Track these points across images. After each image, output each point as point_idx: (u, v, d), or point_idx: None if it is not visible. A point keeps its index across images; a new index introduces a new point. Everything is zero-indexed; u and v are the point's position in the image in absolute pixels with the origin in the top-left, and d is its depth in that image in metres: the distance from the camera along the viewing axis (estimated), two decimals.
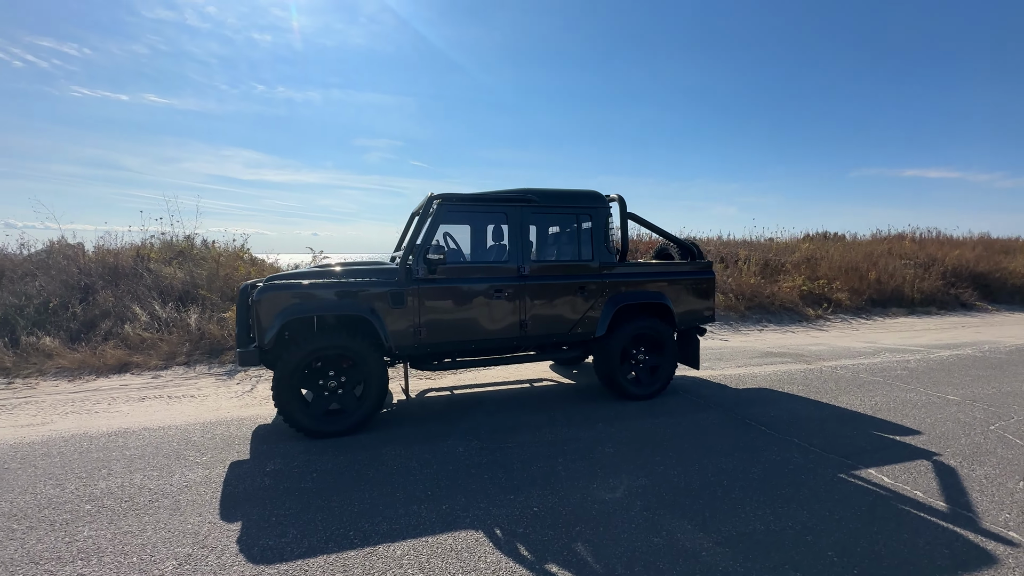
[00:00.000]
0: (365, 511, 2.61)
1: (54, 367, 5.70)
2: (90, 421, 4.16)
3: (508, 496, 2.77)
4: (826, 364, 6.14)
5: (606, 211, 4.59)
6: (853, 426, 3.89)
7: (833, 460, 3.24)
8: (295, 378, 3.62)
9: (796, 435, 3.69)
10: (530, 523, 2.49)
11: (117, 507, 2.67)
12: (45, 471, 3.14)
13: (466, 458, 3.30)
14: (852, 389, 4.96)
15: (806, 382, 5.25)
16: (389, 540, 2.34)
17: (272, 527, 2.46)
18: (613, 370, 4.53)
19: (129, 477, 3.04)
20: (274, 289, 3.65)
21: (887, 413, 4.20)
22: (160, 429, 3.91)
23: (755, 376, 5.52)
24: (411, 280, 3.92)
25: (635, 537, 2.36)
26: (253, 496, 2.80)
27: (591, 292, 4.44)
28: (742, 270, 10.78)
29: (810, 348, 7.25)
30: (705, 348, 7.21)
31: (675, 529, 2.43)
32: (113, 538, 2.37)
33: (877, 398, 4.65)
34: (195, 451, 3.45)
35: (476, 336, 4.14)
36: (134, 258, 8.13)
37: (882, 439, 3.62)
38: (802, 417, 4.10)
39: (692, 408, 4.37)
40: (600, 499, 2.73)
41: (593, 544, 2.30)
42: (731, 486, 2.88)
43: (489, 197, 4.28)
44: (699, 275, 4.93)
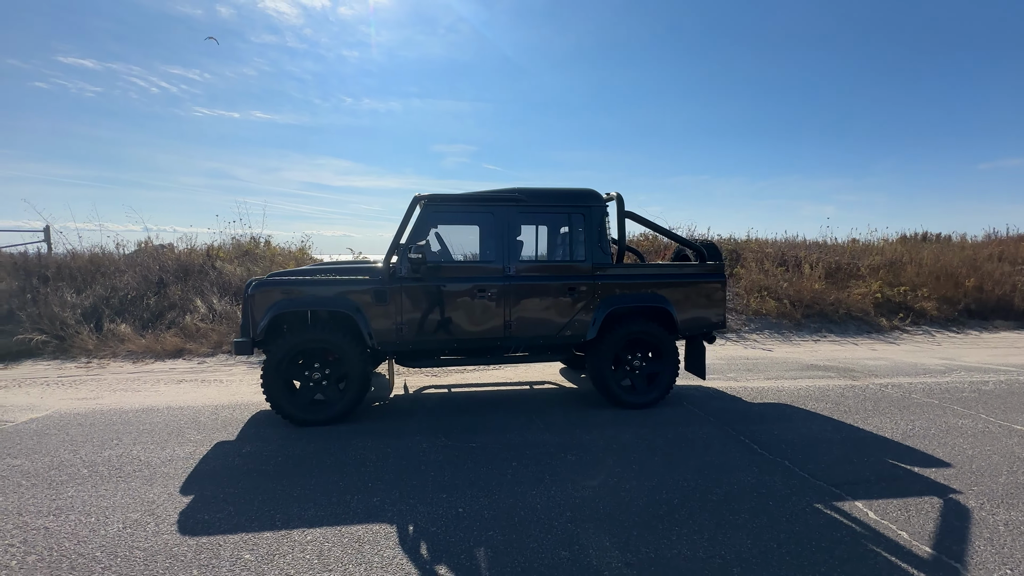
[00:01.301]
0: (303, 496, 2.75)
1: (124, 350, 6.58)
2: (129, 398, 4.76)
3: (441, 495, 2.77)
4: (876, 381, 5.41)
5: (601, 210, 4.41)
6: (868, 452, 3.40)
7: (818, 488, 2.86)
8: (282, 368, 3.88)
9: (790, 457, 3.31)
10: (447, 523, 2.47)
11: (105, 473, 3.04)
12: (71, 438, 3.65)
13: (424, 455, 3.35)
14: (892, 411, 4.33)
15: (839, 400, 4.67)
16: (307, 526, 2.44)
17: (216, 503, 2.67)
18: (604, 376, 4.34)
19: (130, 448, 3.44)
20: (266, 285, 3.94)
21: (920, 440, 3.63)
22: (179, 408, 4.37)
23: (781, 391, 5.01)
24: (394, 279, 4.03)
25: (542, 548, 2.25)
26: (217, 473, 3.05)
27: (582, 294, 4.30)
28: (804, 274, 9.81)
29: (866, 363, 6.43)
30: (739, 358, 6.67)
31: (590, 545, 2.28)
32: (87, 499, 2.70)
33: (918, 423, 4.02)
34: (195, 430, 3.83)
35: (458, 336, 4.17)
36: (204, 257, 9.15)
37: (894, 469, 3.13)
38: (810, 439, 3.66)
39: (686, 420, 4.07)
40: (531, 506, 2.64)
41: (495, 550, 2.23)
42: (681, 506, 2.65)
43: (475, 197, 4.30)
44: (706, 278, 4.57)
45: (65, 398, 4.78)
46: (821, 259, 10.58)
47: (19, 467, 3.13)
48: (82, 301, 7.29)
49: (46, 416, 4.19)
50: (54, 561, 2.15)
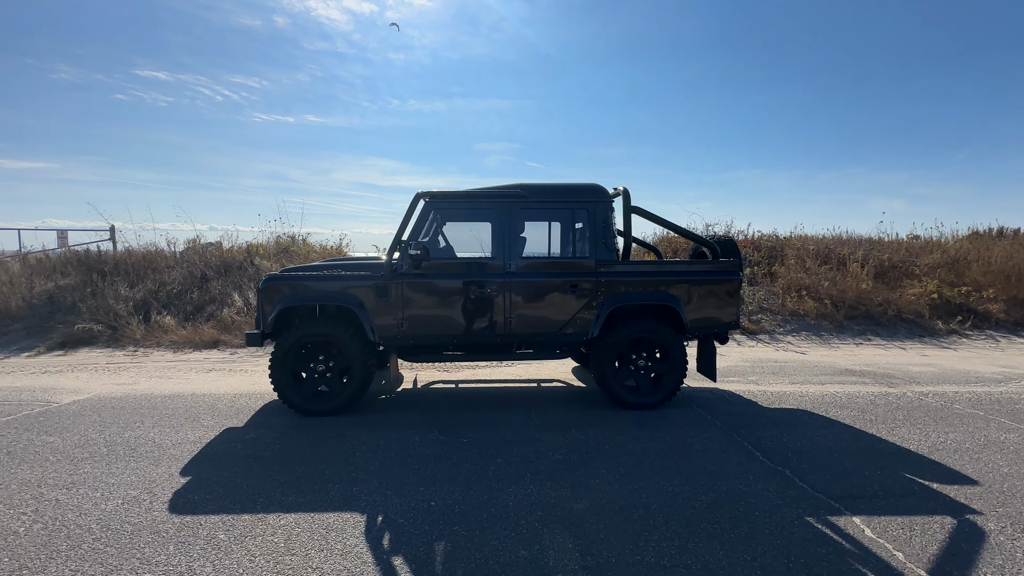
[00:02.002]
0: (288, 483, 2.86)
1: (167, 340, 7.08)
2: (162, 385, 5.12)
3: (419, 488, 2.80)
4: (915, 389, 4.98)
5: (605, 206, 4.31)
6: (883, 465, 3.14)
7: (815, 500, 2.67)
8: (289, 360, 4.05)
9: (792, 467, 3.11)
10: (417, 516, 2.49)
11: (121, 453, 3.29)
12: (102, 419, 3.97)
13: (414, 448, 3.40)
14: (925, 421, 3.98)
15: (866, 408, 4.33)
16: (284, 511, 2.54)
17: (209, 485, 2.83)
18: (606, 375, 4.24)
19: (148, 431, 3.70)
20: (274, 280, 4.13)
21: (949, 455, 3.31)
22: (202, 396, 4.66)
23: (803, 396, 4.71)
24: (395, 275, 4.11)
25: (502, 546, 2.23)
26: (218, 457, 3.23)
27: (584, 291, 4.21)
28: (850, 272, 9.16)
29: (910, 369, 5.93)
30: (766, 360, 6.33)
31: (551, 546, 2.24)
32: (99, 476, 2.94)
33: (952, 435, 3.67)
34: (210, 416, 4.07)
35: (457, 331, 4.19)
36: (244, 254, 9.69)
37: (908, 485, 2.87)
38: (821, 448, 3.42)
39: (690, 423, 3.91)
40: (503, 503, 2.62)
41: (455, 545, 2.23)
42: (658, 512, 2.55)
43: (476, 194, 4.31)
44: (719, 276, 4.36)
45: (107, 383, 5.21)
46: (871, 256, 9.84)
47: (50, 444, 3.45)
48: (134, 294, 7.91)
49: (87, 399, 4.58)
50: (55, 531, 2.35)
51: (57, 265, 8.42)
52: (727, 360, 6.37)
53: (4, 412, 4.17)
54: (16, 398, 4.61)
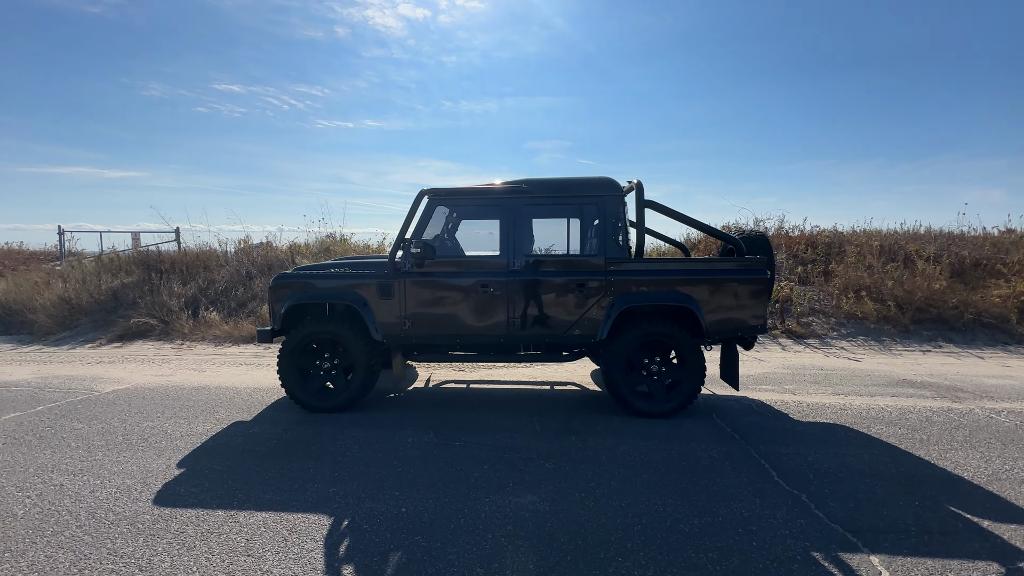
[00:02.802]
0: (271, 480, 2.88)
1: (211, 335, 7.52)
2: (194, 377, 5.42)
3: (395, 492, 2.73)
4: (985, 405, 4.33)
5: (616, 201, 4.05)
6: (924, 495, 2.71)
7: (828, 532, 2.33)
8: (295, 357, 4.12)
9: (811, 491, 2.75)
10: (383, 522, 2.42)
11: (133, 442, 3.47)
12: (129, 409, 4.23)
13: (404, 449, 3.34)
14: (989, 444, 3.42)
15: (918, 426, 3.81)
16: (257, 508, 2.54)
17: (198, 478, 2.90)
18: (615, 380, 3.99)
19: (164, 422, 3.90)
20: (283, 278, 4.22)
21: (1012, 486, 2.80)
22: (224, 389, 4.87)
23: (845, 409, 4.22)
24: (398, 273, 4.08)
25: (460, 561, 2.10)
26: (216, 450, 3.32)
27: (592, 291, 3.99)
28: (919, 270, 8.20)
29: (984, 381, 5.18)
30: (811, 367, 5.77)
31: (511, 566, 2.08)
32: (105, 463, 3.10)
33: (1022, 463, 3.13)
34: (225, 409, 4.23)
35: (461, 331, 4.10)
36: (287, 253, 10.15)
37: (951, 520, 2.45)
38: (851, 470, 3.02)
39: (704, 435, 3.59)
40: (475, 514, 2.49)
41: (410, 557, 2.13)
42: (640, 534, 2.31)
43: (480, 190, 4.19)
44: (742, 275, 3.98)
45: (148, 374, 5.58)
46: (947, 253, 8.77)
47: (77, 430, 3.70)
48: (185, 291, 8.48)
49: (125, 389, 4.92)
50: (48, 515, 2.48)
51: (123, 264, 9.20)
52: (766, 366, 5.87)
53: (51, 399, 4.55)
54: (67, 386, 5.04)
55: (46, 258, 13.48)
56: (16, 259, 12.43)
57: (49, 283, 8.57)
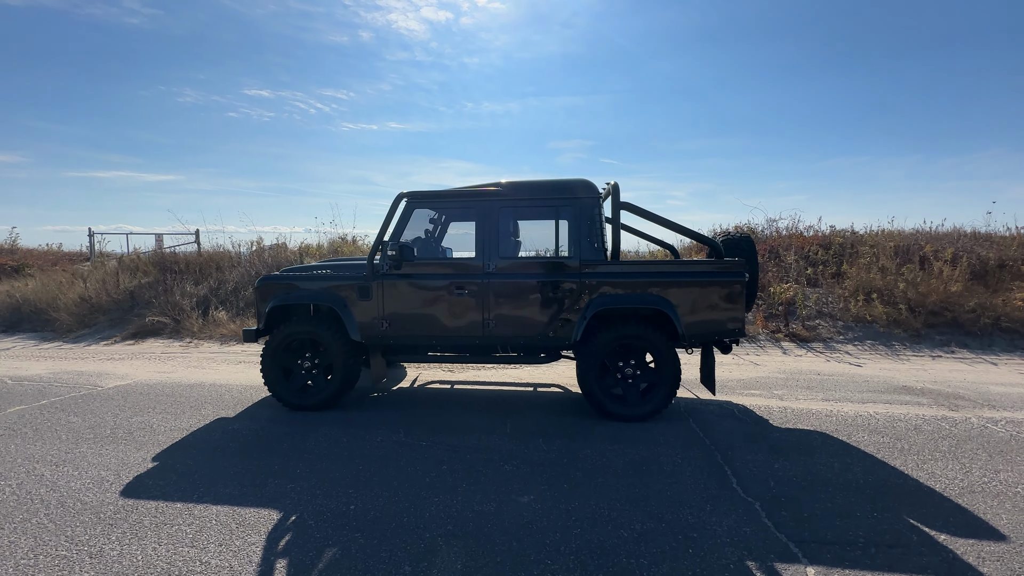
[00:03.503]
0: (234, 475, 2.98)
1: (219, 333, 7.80)
2: (193, 374, 5.63)
3: (349, 490, 2.79)
4: (984, 414, 4.14)
5: (591, 202, 4.04)
6: (886, 506, 2.62)
7: (772, 543, 2.28)
8: (278, 356, 4.25)
9: (768, 500, 2.69)
10: (329, 519, 2.48)
11: (119, 436, 3.64)
12: (124, 404, 4.44)
13: (371, 448, 3.41)
14: (974, 455, 3.28)
15: (903, 435, 3.67)
16: (214, 502, 2.64)
17: (168, 472, 3.03)
18: (588, 383, 3.97)
19: (152, 416, 4.07)
20: (268, 280, 4.35)
21: (985, 499, 2.68)
22: (217, 386, 5.05)
23: (830, 416, 4.09)
24: (376, 275, 4.16)
25: (392, 559, 2.14)
26: (193, 446, 3.46)
27: (567, 293, 3.98)
28: (935, 272, 7.85)
29: (990, 389, 4.94)
30: (808, 372, 5.61)
31: (440, 565, 2.11)
32: (88, 456, 3.27)
33: (1004, 475, 2.98)
34: (212, 405, 4.39)
35: (437, 332, 4.15)
36: (297, 254, 10.42)
37: (906, 533, 2.36)
38: (817, 479, 2.94)
39: (674, 440, 3.54)
40: (420, 513, 2.53)
41: (346, 553, 2.18)
42: (577, 539, 2.31)
43: (456, 193, 4.24)
44: (719, 277, 3.91)
45: (152, 371, 5.83)
46: (967, 253, 8.37)
47: (71, 424, 3.91)
48: (197, 291, 8.81)
49: (126, 384, 5.16)
50: (22, 503, 2.64)
51: (141, 265, 9.62)
52: (761, 370, 5.74)
53: (56, 393, 4.81)
54: (74, 381, 5.31)
55: (79, 259, 14.19)
56: (50, 260, 13.11)
57: (72, 283, 9.03)
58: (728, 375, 5.50)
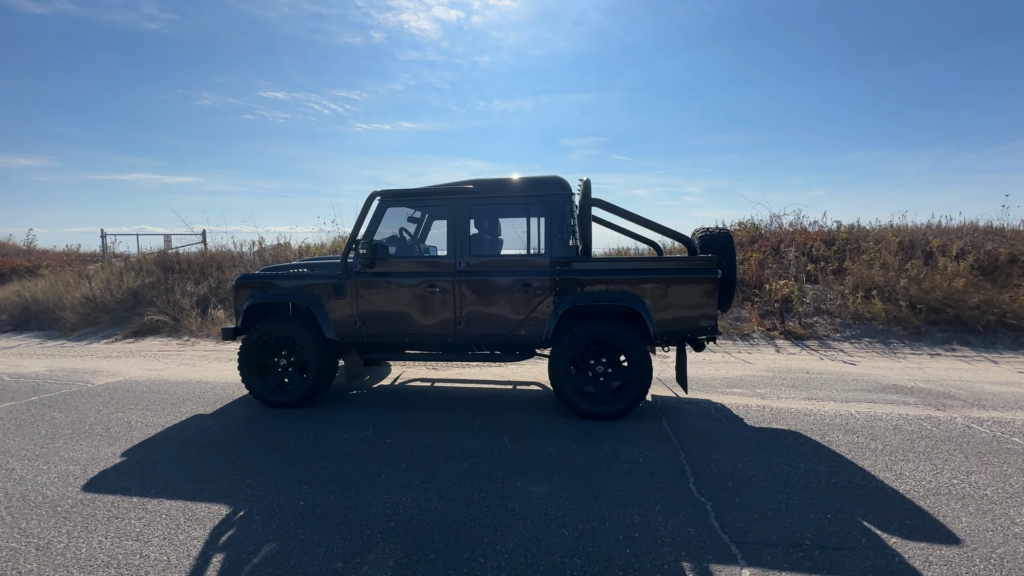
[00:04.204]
0: (197, 471, 3.04)
1: (216, 332, 7.93)
2: (183, 371, 5.75)
3: (303, 487, 2.82)
4: (972, 414, 4.01)
5: (562, 199, 4.01)
6: (842, 508, 2.55)
7: (712, 543, 2.24)
8: (254, 354, 4.31)
9: (719, 500, 2.64)
10: (276, 515, 2.51)
11: (96, 431, 3.73)
12: (109, 401, 4.54)
13: (336, 445, 3.43)
14: (950, 456, 3.17)
15: (880, 435, 3.57)
16: (169, 497, 2.69)
17: (134, 467, 3.10)
18: (559, 381, 3.95)
19: (131, 413, 4.16)
20: (245, 278, 4.42)
21: (949, 501, 2.60)
22: (202, 383, 5.15)
23: (808, 415, 4.01)
24: (349, 273, 4.19)
25: (328, 554, 2.15)
26: (164, 441, 3.53)
27: (538, 291, 3.96)
28: (939, 267, 7.62)
29: (985, 388, 4.78)
30: (797, 370, 5.50)
31: (373, 561, 2.11)
32: (60, 451, 3.35)
33: (976, 477, 2.88)
34: (193, 402, 4.47)
35: (410, 330, 4.17)
36: (297, 254, 10.55)
37: (855, 536, 2.29)
38: (777, 479, 2.88)
39: (641, 439, 3.50)
40: (367, 510, 2.54)
41: (281, 549, 2.20)
42: (515, 538, 2.30)
43: (428, 191, 4.24)
44: (691, 274, 3.85)
45: (144, 368, 5.96)
46: (975, 249, 8.11)
47: (54, 420, 4.02)
48: (197, 291, 8.98)
49: (116, 382, 5.29)
50: None
51: (144, 265, 9.85)
52: (749, 368, 5.64)
53: (48, 390, 4.95)
54: (68, 378, 5.46)
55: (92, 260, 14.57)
56: (64, 261, 13.49)
57: (79, 283, 9.28)
58: (715, 373, 5.42)
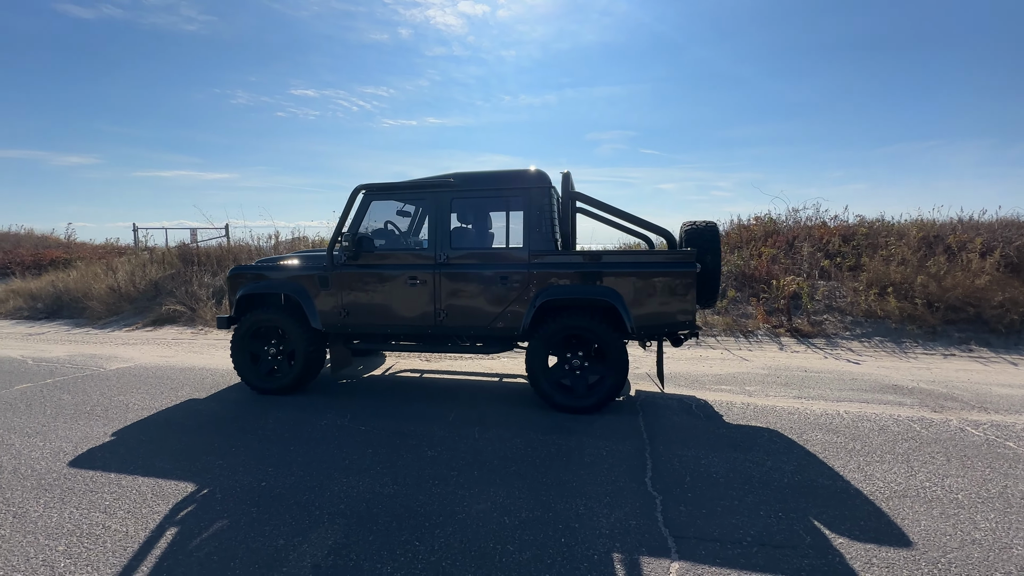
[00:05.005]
0: (175, 451, 3.20)
1: None
2: (189, 358, 6.01)
3: (269, 468, 2.93)
4: (970, 417, 3.83)
5: (540, 193, 4.00)
6: (796, 507, 2.49)
7: (650, 537, 2.22)
8: (246, 342, 4.48)
9: (671, 495, 2.62)
10: (236, 495, 2.62)
11: (95, 412, 3.96)
12: (116, 384, 4.81)
13: (312, 431, 3.55)
14: (931, 460, 3.05)
15: (862, 435, 3.45)
16: (144, 474, 2.85)
17: (120, 446, 3.29)
18: (534, 374, 3.97)
19: (131, 396, 4.40)
20: (239, 270, 4.59)
21: (914, 504, 2.50)
22: (204, 370, 5.38)
23: (792, 414, 3.90)
24: (335, 266, 4.30)
25: (271, 532, 2.25)
26: (154, 423, 3.72)
27: (516, 284, 3.98)
28: (962, 263, 7.24)
29: (991, 391, 4.55)
30: (795, 368, 5.35)
31: (314, 540, 2.19)
32: (59, 429, 3.58)
33: (952, 481, 2.76)
34: (190, 387, 4.68)
35: (392, 322, 4.25)
36: (311, 246, 10.83)
37: (800, 535, 2.24)
38: (740, 476, 2.83)
39: (611, 433, 3.49)
40: (322, 493, 2.63)
41: (231, 525, 2.31)
42: (459, 522, 2.34)
43: (410, 185, 4.30)
44: (668, 268, 3.79)
45: (155, 355, 6.27)
46: (1004, 243, 7.66)
47: (61, 400, 4.28)
48: (214, 282, 9.35)
49: (127, 367, 5.58)
50: None
51: (167, 258, 10.30)
52: (746, 366, 5.52)
53: (63, 373, 5.27)
54: (84, 363, 5.80)
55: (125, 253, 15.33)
56: (99, 253, 14.23)
57: (107, 275, 9.79)
58: (708, 370, 5.33)
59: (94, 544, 2.18)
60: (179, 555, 2.11)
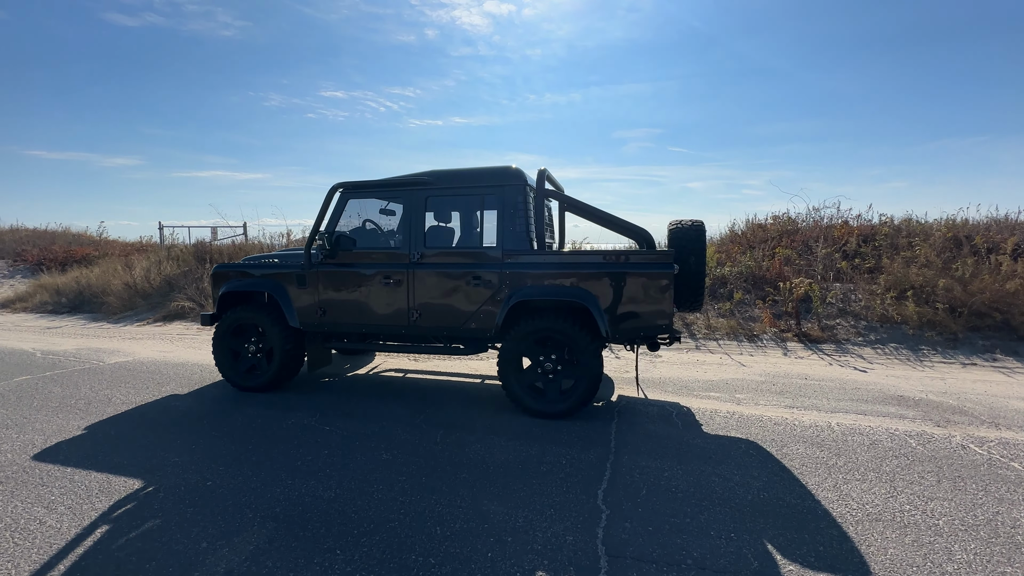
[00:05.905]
0: (141, 446, 3.22)
1: None
2: (187, 354, 6.14)
3: (220, 467, 2.91)
4: (974, 433, 3.52)
5: (515, 191, 3.89)
6: (755, 528, 2.31)
7: (583, 554, 2.09)
8: (226, 340, 4.52)
9: (619, 509, 2.47)
10: (179, 492, 2.61)
11: (79, 406, 4.06)
12: (107, 378, 4.93)
13: (276, 430, 3.53)
14: (919, 479, 2.80)
15: (849, 450, 3.21)
16: (98, 469, 2.87)
17: (87, 440, 3.34)
18: (504, 376, 3.86)
19: (116, 390, 4.50)
20: (222, 268, 4.64)
21: (889, 529, 2.28)
22: (196, 365, 5.47)
23: (778, 424, 3.67)
24: (312, 264, 4.30)
25: (200, 534, 2.21)
26: (128, 418, 3.78)
27: (489, 283, 3.88)
28: (991, 265, 6.74)
29: (1008, 404, 4.19)
30: (795, 375, 5.07)
31: (237, 540, 2.15)
32: (37, 422, 3.67)
33: (937, 505, 2.52)
34: (175, 383, 4.76)
35: (368, 321, 4.22)
36: None
37: (749, 559, 2.06)
38: (702, 492, 2.65)
39: (578, 440, 3.35)
40: (264, 493, 2.59)
41: (163, 523, 2.29)
42: (389, 530, 2.26)
43: (386, 183, 4.25)
44: (644, 269, 3.62)
45: (155, 350, 6.43)
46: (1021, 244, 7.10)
47: (51, 393, 4.41)
48: None
49: (124, 361, 5.74)
50: None
51: (182, 255, 10.62)
52: (741, 372, 5.26)
53: (64, 366, 5.45)
54: (87, 357, 5.99)
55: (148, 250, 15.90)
56: (126, 250, 14.82)
57: (125, 271, 10.16)
58: (700, 375, 5.10)
59: (23, 539, 2.19)
60: (100, 554, 2.10)
